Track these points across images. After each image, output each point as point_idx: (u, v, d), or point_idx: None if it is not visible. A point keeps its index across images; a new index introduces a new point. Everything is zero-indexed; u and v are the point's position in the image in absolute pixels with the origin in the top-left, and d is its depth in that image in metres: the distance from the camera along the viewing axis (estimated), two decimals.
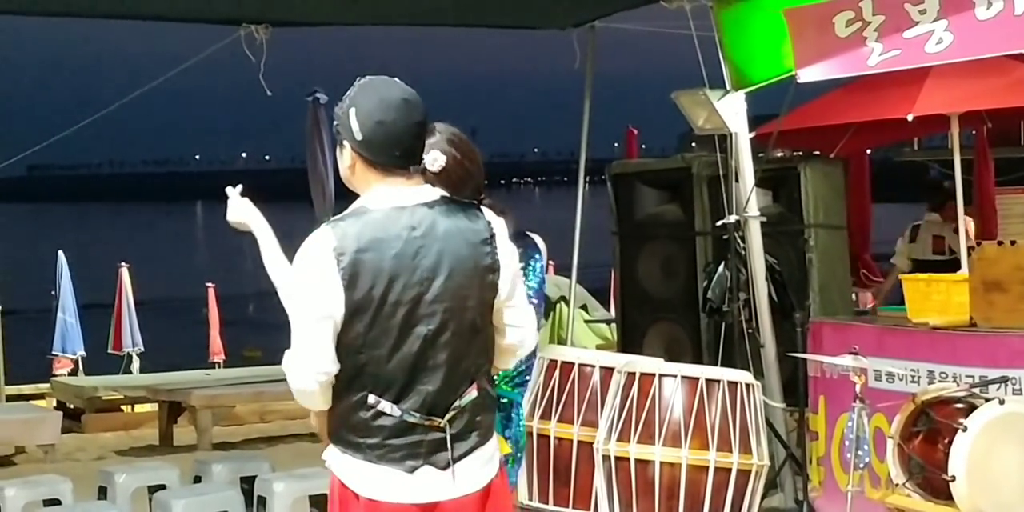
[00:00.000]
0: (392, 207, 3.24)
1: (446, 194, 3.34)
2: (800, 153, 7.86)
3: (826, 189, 7.11)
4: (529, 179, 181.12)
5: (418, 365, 3.20)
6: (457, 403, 3.24)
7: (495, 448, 3.35)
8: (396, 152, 3.25)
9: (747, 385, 5.54)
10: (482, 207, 3.39)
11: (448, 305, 3.21)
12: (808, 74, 6.13)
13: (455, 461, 3.23)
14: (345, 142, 3.29)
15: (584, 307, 10.85)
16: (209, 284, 13.95)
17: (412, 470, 3.20)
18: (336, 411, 3.24)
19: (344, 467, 3.24)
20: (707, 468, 5.38)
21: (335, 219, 3.26)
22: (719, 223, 6.90)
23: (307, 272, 3.18)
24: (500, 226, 3.35)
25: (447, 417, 3.22)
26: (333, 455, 3.27)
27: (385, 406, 3.18)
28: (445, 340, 3.21)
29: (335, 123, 3.33)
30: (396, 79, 3.31)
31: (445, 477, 3.23)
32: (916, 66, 5.94)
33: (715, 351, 6.92)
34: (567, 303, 9.67)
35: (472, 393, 3.26)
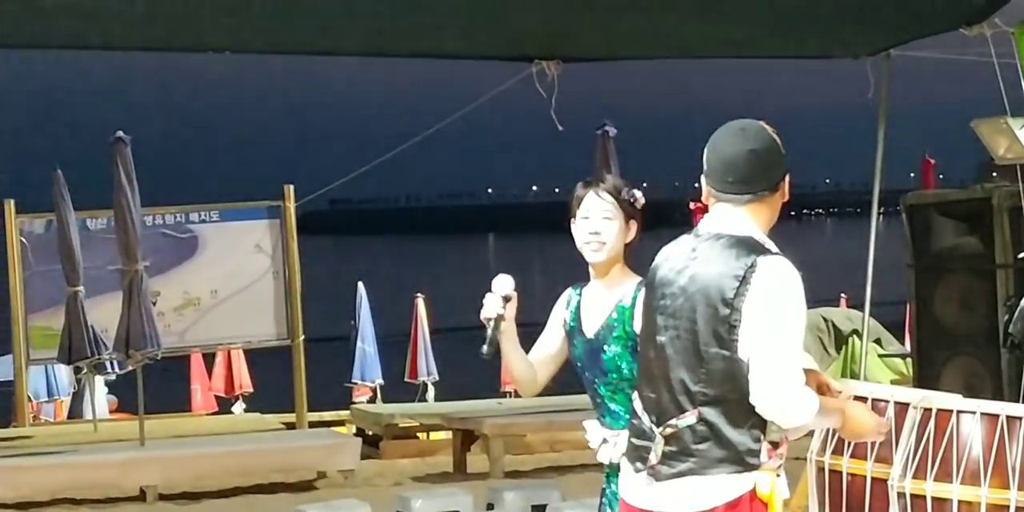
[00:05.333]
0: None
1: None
2: None
3: None
4: (820, 210, 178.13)
5: None
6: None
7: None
8: (729, 178, 3.51)
9: None
10: None
11: None
12: None
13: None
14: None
15: (878, 341, 10.60)
16: None
17: None
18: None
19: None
20: (1007, 507, 5.16)
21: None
22: (1021, 256, 6.65)
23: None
24: None
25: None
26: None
27: None
28: None
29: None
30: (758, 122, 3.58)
31: None
32: None
33: (1017, 387, 6.65)
34: (860, 337, 9.45)
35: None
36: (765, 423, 3.45)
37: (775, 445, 3.52)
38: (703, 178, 3.58)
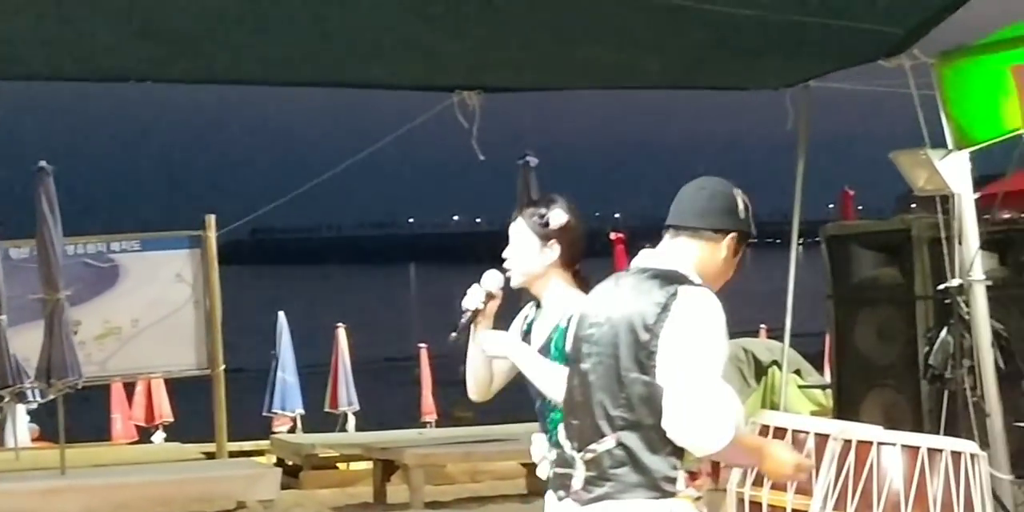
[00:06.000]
0: None
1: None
2: None
3: None
4: None
5: None
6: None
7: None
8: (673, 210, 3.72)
9: (972, 455, 5.34)
10: None
11: None
12: None
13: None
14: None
15: (798, 372, 10.64)
16: (421, 344, 14.13)
17: None
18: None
19: None
20: None
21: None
22: (941, 287, 6.71)
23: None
24: None
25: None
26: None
27: None
28: None
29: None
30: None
31: None
32: None
33: (937, 419, 6.70)
34: (780, 367, 9.49)
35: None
36: (683, 451, 3.48)
37: (693, 475, 3.56)
38: None
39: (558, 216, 4.10)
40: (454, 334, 4.02)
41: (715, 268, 3.65)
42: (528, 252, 4.07)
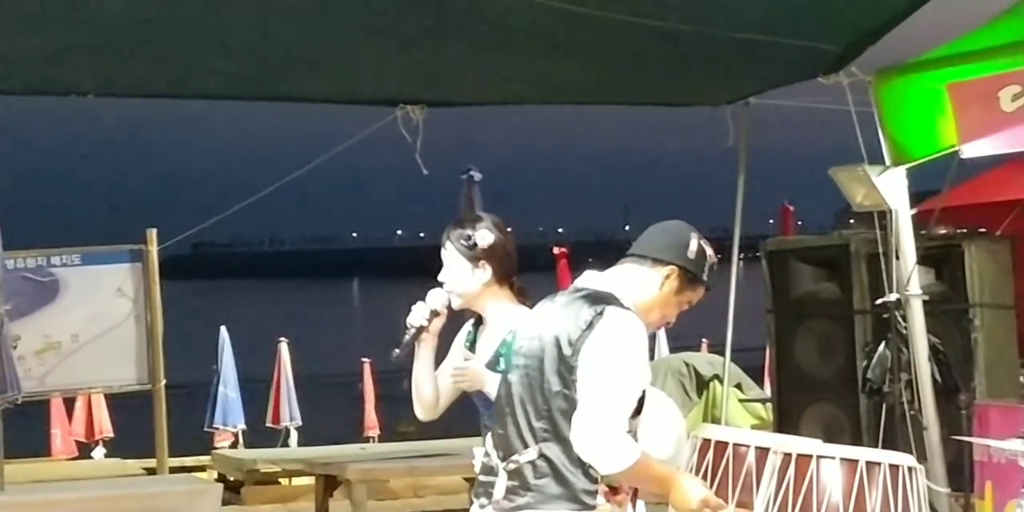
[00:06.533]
0: None
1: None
2: (964, 230, 7.70)
3: (992, 267, 6.94)
4: None
5: None
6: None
7: None
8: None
9: (910, 468, 5.38)
10: None
11: None
12: (973, 149, 6.02)
13: None
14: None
15: (739, 386, 10.70)
16: (365, 359, 14.10)
17: None
18: None
19: None
20: None
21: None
22: (879, 301, 6.78)
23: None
24: None
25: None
26: None
27: None
28: None
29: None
30: None
31: None
32: None
33: (875, 433, 6.76)
34: (721, 382, 9.55)
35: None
36: None
37: (614, 490, 3.62)
38: None
39: (484, 237, 4.14)
40: (397, 351, 4.04)
41: (650, 298, 3.70)
42: (461, 275, 4.12)
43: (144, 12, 6.20)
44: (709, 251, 3.77)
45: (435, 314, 4.09)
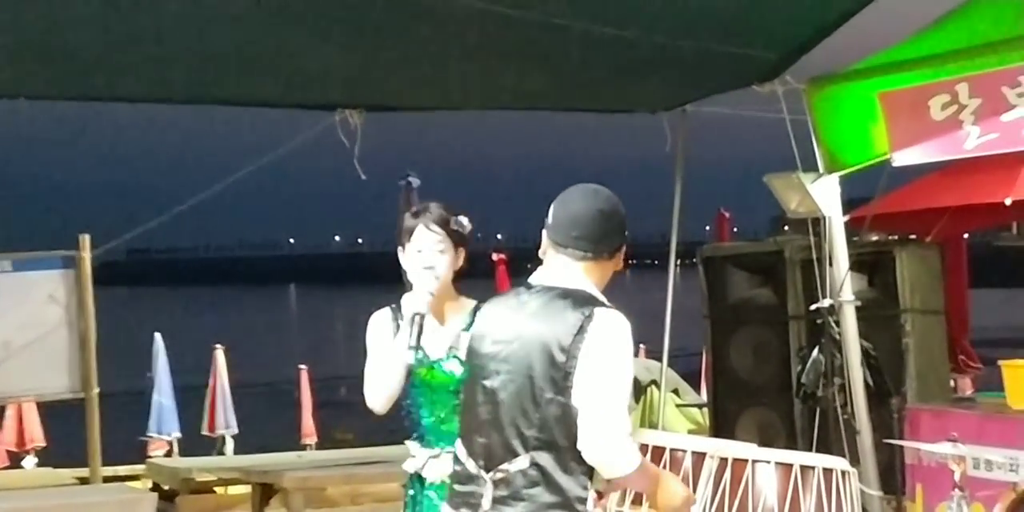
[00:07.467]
0: None
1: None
2: (895, 237, 7.79)
3: (922, 273, 7.03)
4: None
5: None
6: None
7: None
8: (573, 233, 3.63)
9: (843, 472, 5.44)
10: None
11: None
12: (903, 158, 6.10)
13: None
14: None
15: (675, 391, 10.75)
16: (301, 366, 14.02)
17: None
18: None
19: None
20: None
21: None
22: (813, 307, 6.85)
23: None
24: None
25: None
26: None
27: None
28: None
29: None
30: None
31: None
32: (1014, 149, 5.89)
33: (809, 437, 6.82)
34: (658, 387, 9.59)
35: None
36: (593, 470, 3.52)
37: (599, 495, 3.63)
38: (544, 231, 3.68)
39: (468, 223, 4.19)
40: (411, 343, 4.02)
41: (606, 278, 3.71)
42: (449, 259, 4.15)
43: (76, 13, 6.13)
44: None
45: (431, 296, 4.10)
